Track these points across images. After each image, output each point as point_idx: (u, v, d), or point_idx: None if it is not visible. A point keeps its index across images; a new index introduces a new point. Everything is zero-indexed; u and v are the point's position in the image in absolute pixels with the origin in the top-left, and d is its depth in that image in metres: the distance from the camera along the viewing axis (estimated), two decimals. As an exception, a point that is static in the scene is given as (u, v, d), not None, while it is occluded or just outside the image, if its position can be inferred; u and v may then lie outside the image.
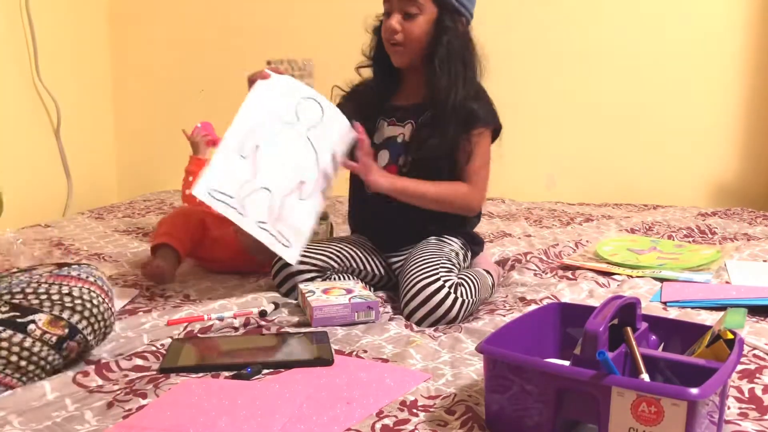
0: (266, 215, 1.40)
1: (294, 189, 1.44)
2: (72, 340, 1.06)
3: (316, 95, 1.48)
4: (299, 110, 1.45)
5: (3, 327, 1.00)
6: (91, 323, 1.09)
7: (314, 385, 1.03)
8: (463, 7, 1.52)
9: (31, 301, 1.04)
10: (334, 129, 1.48)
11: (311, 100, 1.46)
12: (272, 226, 1.41)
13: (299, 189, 1.45)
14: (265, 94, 1.43)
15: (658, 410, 0.75)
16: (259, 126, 1.42)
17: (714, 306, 1.43)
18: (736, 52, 2.82)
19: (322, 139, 1.46)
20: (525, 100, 2.90)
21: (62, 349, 1.05)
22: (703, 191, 2.90)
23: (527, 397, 0.85)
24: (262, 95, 1.43)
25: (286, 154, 1.44)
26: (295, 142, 1.44)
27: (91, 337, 1.10)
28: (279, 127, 1.44)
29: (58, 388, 1.02)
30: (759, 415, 0.95)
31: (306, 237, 1.46)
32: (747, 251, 1.90)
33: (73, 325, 1.06)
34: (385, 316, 1.40)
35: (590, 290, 1.56)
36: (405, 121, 1.59)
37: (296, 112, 1.45)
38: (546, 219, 2.45)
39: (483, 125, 1.54)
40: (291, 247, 1.43)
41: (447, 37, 1.49)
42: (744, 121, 2.86)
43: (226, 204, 1.37)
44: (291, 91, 1.46)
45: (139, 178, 3.14)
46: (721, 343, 0.89)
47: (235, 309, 1.38)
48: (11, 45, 2.49)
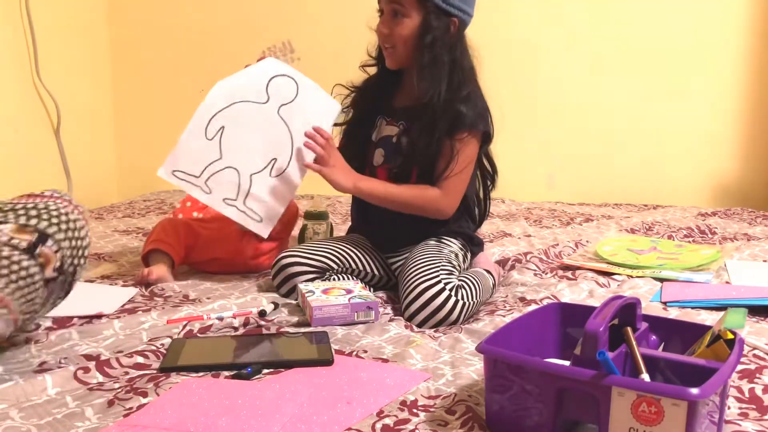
0: (234, 192, 1.49)
1: (265, 166, 1.49)
2: (44, 245, 1.02)
3: (290, 71, 1.51)
4: (270, 89, 1.48)
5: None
6: (63, 230, 1.05)
7: (314, 385, 1.03)
8: (453, 8, 1.48)
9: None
10: (311, 105, 1.51)
11: (285, 77, 1.50)
12: (241, 203, 1.49)
13: (271, 166, 1.49)
14: (236, 78, 1.49)
15: (658, 410, 0.75)
16: (225, 109, 1.48)
17: (714, 306, 1.43)
18: (736, 52, 2.82)
19: (297, 114, 1.49)
20: (525, 100, 2.91)
21: (35, 256, 1.01)
22: (703, 191, 2.90)
23: (527, 397, 0.85)
24: (231, 79, 1.49)
25: (255, 132, 1.49)
26: (265, 120, 1.49)
27: (66, 244, 1.05)
28: (246, 108, 1.48)
29: (59, 383, 1.02)
30: (759, 415, 0.95)
31: (279, 212, 1.52)
32: (747, 251, 1.91)
33: (42, 231, 1.02)
34: (385, 316, 1.40)
35: (590, 290, 1.56)
36: (399, 121, 1.59)
37: (267, 91, 1.48)
38: (546, 219, 2.45)
39: (468, 129, 1.51)
40: (261, 221, 1.51)
41: (430, 39, 1.47)
42: (744, 121, 2.86)
43: (191, 183, 1.48)
44: (265, 70, 1.50)
45: (139, 178, 3.14)
46: (721, 343, 0.89)
47: (234, 309, 1.38)
48: (11, 45, 2.49)
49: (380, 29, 1.52)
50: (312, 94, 1.51)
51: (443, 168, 1.51)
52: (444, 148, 1.51)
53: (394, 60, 1.54)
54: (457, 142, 1.50)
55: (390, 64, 1.55)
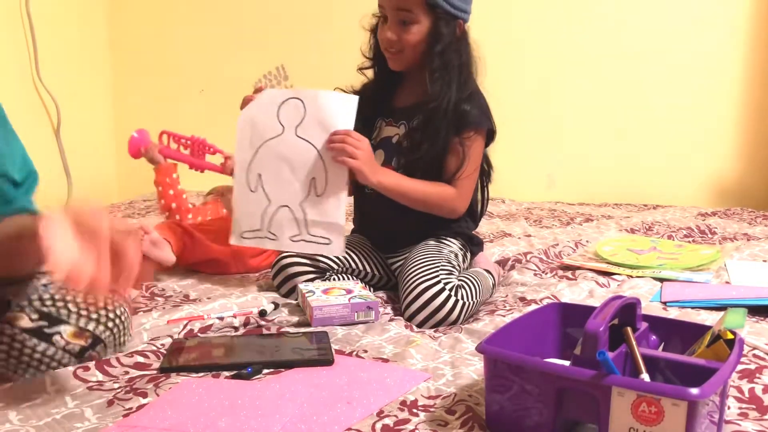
0: (296, 228, 1.47)
1: (308, 190, 1.47)
2: (93, 350, 1.08)
3: (292, 93, 1.48)
4: (281, 116, 1.46)
5: (30, 336, 1.02)
6: (114, 333, 1.10)
7: (314, 385, 1.03)
8: (458, 10, 1.49)
9: (60, 309, 1.05)
10: (323, 112, 1.46)
11: (289, 100, 1.47)
12: (306, 234, 1.47)
13: (313, 186, 1.46)
14: (247, 125, 1.48)
15: (658, 410, 0.75)
16: (253, 158, 1.48)
17: (714, 306, 1.43)
18: (736, 51, 2.82)
19: (313, 127, 1.46)
20: (525, 100, 2.91)
21: (83, 358, 1.07)
22: (703, 191, 2.90)
23: (527, 397, 0.85)
24: (244, 128, 1.49)
25: (286, 164, 1.46)
26: (289, 148, 1.46)
27: (111, 348, 1.11)
28: (270, 147, 1.47)
29: (58, 382, 1.02)
30: (759, 415, 0.95)
31: (341, 225, 1.47)
32: (747, 251, 1.90)
33: (97, 336, 1.08)
34: (385, 316, 1.40)
35: (590, 290, 1.56)
36: (400, 122, 1.58)
37: (279, 122, 1.46)
38: (546, 219, 2.45)
39: (474, 128, 1.52)
40: (331, 242, 1.47)
41: (441, 45, 1.47)
42: (744, 121, 2.86)
43: (259, 238, 1.50)
44: (268, 103, 1.48)
45: (139, 178, 3.14)
46: (721, 343, 0.89)
47: (235, 309, 1.38)
48: (11, 45, 2.49)
49: (387, 36, 1.50)
50: (320, 102, 1.46)
51: (455, 168, 1.52)
52: (452, 148, 1.51)
53: (400, 63, 1.54)
54: (465, 140, 1.51)
55: (395, 66, 1.55)
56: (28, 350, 1.01)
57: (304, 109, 1.45)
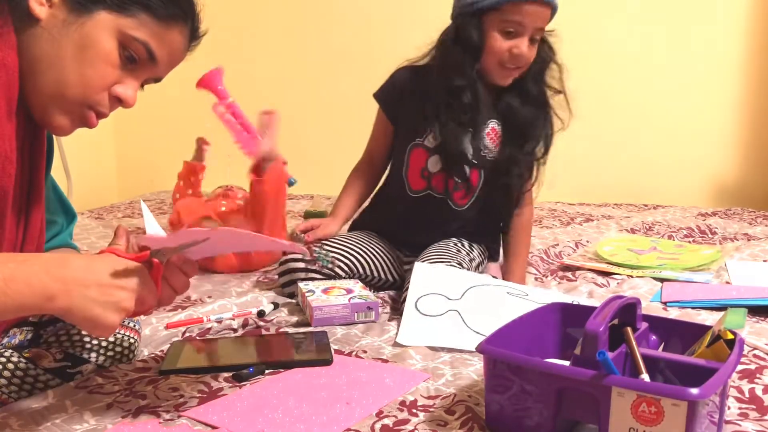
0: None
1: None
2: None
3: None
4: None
5: (53, 376, 1.03)
6: (122, 359, 1.13)
7: (314, 385, 1.03)
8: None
9: (85, 346, 1.07)
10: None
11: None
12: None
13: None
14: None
15: (658, 410, 0.75)
16: None
17: (714, 306, 1.43)
18: (736, 52, 2.82)
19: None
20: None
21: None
22: (703, 191, 2.90)
23: (527, 397, 0.85)
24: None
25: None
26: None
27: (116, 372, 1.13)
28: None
29: (57, 392, 1.01)
30: (759, 415, 0.94)
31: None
32: (747, 251, 1.90)
33: (111, 371, 1.09)
34: (384, 316, 1.40)
35: (590, 290, 1.56)
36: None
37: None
38: (546, 219, 2.45)
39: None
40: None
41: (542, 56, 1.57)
42: (744, 121, 2.86)
43: None
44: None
45: (139, 178, 3.15)
46: (721, 343, 0.89)
47: (234, 309, 1.38)
48: (11, 45, 2.49)
49: (525, 53, 1.49)
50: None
51: (526, 181, 1.60)
52: (527, 162, 1.59)
53: (511, 78, 1.55)
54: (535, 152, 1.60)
55: (508, 82, 1.55)
56: (41, 384, 1.02)
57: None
